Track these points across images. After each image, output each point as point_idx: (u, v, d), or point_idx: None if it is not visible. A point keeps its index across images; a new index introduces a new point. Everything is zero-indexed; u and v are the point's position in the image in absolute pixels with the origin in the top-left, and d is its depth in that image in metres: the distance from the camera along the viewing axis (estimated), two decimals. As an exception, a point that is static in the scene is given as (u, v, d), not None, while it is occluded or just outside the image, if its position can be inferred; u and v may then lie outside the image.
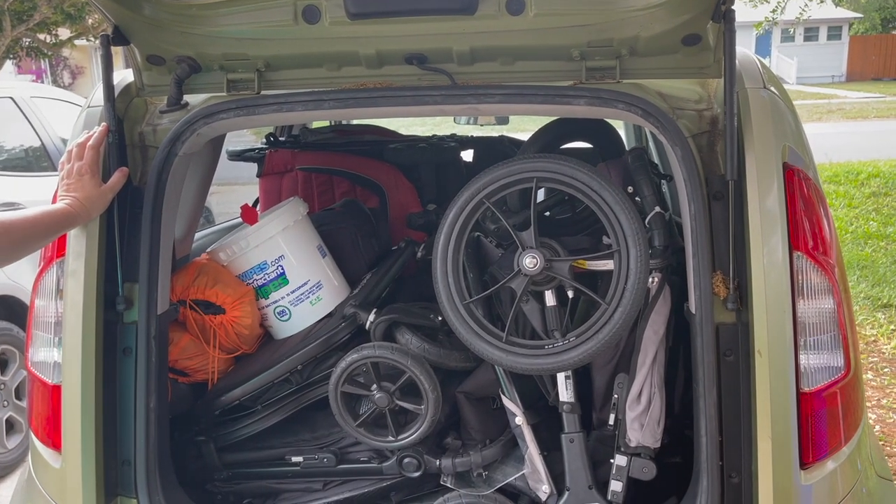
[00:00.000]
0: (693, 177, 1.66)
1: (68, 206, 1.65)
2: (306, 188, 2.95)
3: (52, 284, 1.79)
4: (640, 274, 1.71)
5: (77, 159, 1.72)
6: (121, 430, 1.80)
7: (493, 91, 1.75)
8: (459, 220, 1.81)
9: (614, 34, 1.71)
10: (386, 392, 1.95)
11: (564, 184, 1.77)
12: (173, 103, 1.85)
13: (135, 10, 1.70)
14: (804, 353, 1.63)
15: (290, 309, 2.22)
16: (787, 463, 1.61)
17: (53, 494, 1.80)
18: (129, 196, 1.81)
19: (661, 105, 1.72)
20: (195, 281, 2.12)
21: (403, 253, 2.44)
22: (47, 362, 1.80)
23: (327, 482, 2.12)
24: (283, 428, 2.15)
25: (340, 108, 1.80)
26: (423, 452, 2.02)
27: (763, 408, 1.61)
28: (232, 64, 1.83)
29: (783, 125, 1.70)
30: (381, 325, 2.06)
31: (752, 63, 1.81)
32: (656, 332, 1.85)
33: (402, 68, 1.83)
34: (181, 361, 2.15)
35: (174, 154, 1.80)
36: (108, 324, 1.78)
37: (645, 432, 1.83)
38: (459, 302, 1.81)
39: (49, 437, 1.80)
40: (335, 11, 1.71)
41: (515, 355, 1.78)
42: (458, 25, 1.72)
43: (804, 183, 1.66)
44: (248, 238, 2.19)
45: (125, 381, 1.81)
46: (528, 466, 1.96)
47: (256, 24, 1.76)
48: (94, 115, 1.84)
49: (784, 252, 1.62)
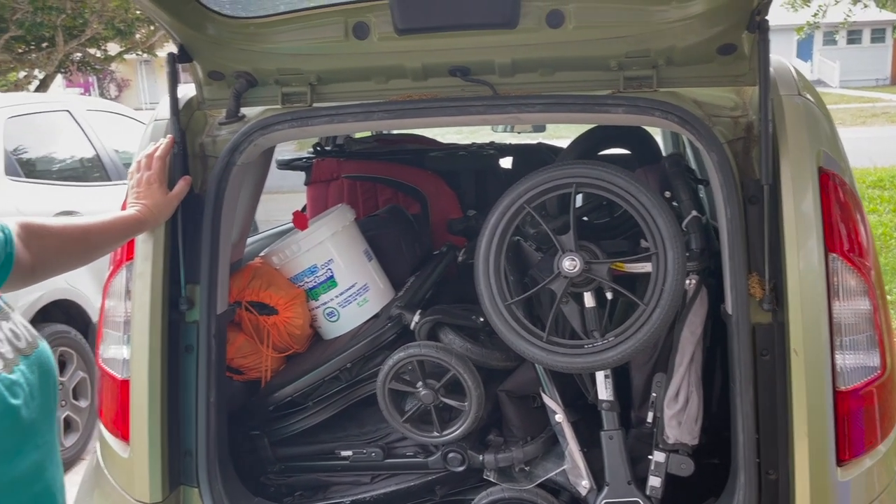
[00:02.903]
0: (729, 181, 1.71)
1: (138, 213, 1.77)
2: (351, 195, 3.05)
3: (121, 286, 1.91)
4: (677, 276, 1.77)
5: (146, 169, 1.83)
6: (183, 423, 1.91)
7: (534, 101, 1.82)
8: (501, 225, 1.89)
9: (651, 45, 1.77)
10: (431, 389, 2.03)
11: (604, 189, 1.84)
12: (232, 116, 1.96)
13: (199, 30, 1.82)
14: (840, 352, 1.66)
15: (338, 310, 2.32)
16: (824, 460, 1.65)
17: (121, 483, 1.91)
18: (190, 203, 1.93)
19: (696, 112, 1.77)
20: (250, 283, 2.23)
21: (445, 257, 2.53)
22: (117, 359, 1.92)
23: (375, 476, 2.21)
24: (333, 423, 2.25)
25: (388, 118, 1.89)
26: (467, 448, 2.10)
27: (800, 406, 1.65)
28: (286, 78, 1.93)
29: (818, 130, 1.74)
30: (426, 325, 2.15)
31: (787, 70, 1.86)
32: (693, 333, 1.90)
33: (446, 80, 1.91)
34: (236, 360, 2.27)
35: (232, 163, 1.91)
36: (172, 323, 1.89)
37: (682, 429, 1.88)
38: (501, 303, 1.88)
39: (118, 428, 1.91)
40: (383, 27, 1.80)
41: (556, 354, 1.85)
42: (500, 39, 1.80)
43: (839, 187, 1.70)
44: (300, 243, 2.30)
45: (187, 376, 1.91)
46: (569, 462, 2.02)
47: (309, 40, 1.87)
48: (160, 127, 1.96)
49: (820, 254, 1.66)
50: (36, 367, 1.01)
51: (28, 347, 1.02)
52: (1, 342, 0.98)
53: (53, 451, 1.04)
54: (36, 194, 4.27)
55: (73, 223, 1.58)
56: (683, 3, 1.70)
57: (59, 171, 4.83)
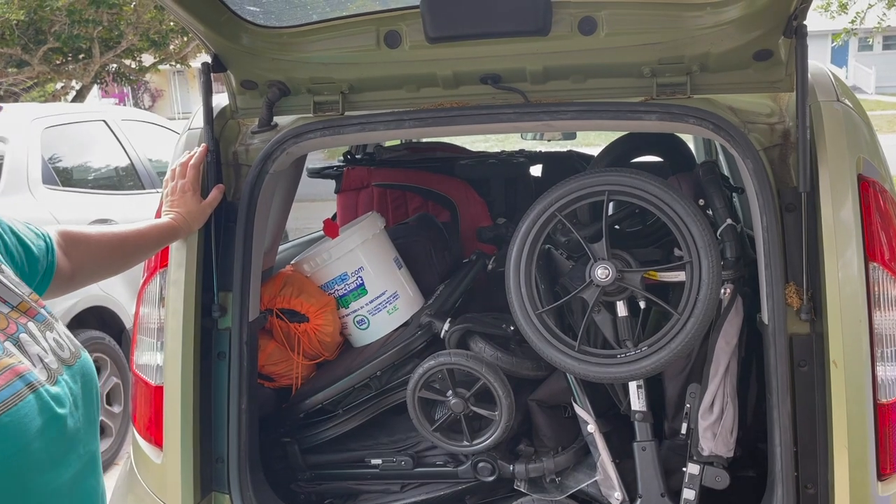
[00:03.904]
0: (765, 189, 1.68)
1: (173, 221, 1.79)
2: (381, 203, 3.06)
3: (155, 293, 1.94)
4: (711, 285, 1.74)
5: (180, 177, 1.85)
6: (215, 430, 1.92)
7: (566, 108, 1.81)
8: (532, 233, 1.88)
9: (685, 51, 1.75)
10: (461, 398, 2.02)
11: (636, 196, 1.82)
12: (264, 124, 1.98)
13: (233, 40, 1.84)
14: (881, 364, 1.62)
15: (368, 318, 2.32)
16: (864, 474, 1.61)
17: (154, 488, 1.93)
18: (223, 211, 1.94)
19: (731, 119, 1.75)
20: (281, 291, 2.24)
21: (475, 265, 2.52)
22: (150, 365, 1.94)
23: (405, 484, 2.20)
24: (363, 432, 2.25)
25: (420, 126, 1.89)
26: (497, 458, 2.08)
27: (839, 418, 1.61)
28: (318, 87, 1.95)
29: (857, 137, 1.71)
30: (456, 333, 2.14)
31: (825, 76, 1.83)
32: (728, 343, 1.87)
33: (477, 88, 1.91)
34: (267, 367, 2.28)
35: (265, 171, 1.93)
36: (205, 330, 1.91)
37: (717, 441, 1.85)
38: (532, 312, 1.87)
39: (151, 434, 1.93)
40: (415, 36, 1.81)
41: (588, 364, 1.83)
42: (531, 46, 1.80)
43: (880, 194, 1.67)
44: (331, 251, 2.31)
45: (219, 383, 1.93)
46: (601, 473, 2.00)
47: (341, 49, 1.88)
48: (194, 136, 1.98)
49: (860, 263, 1.62)
50: (79, 376, 1.02)
51: (71, 357, 1.03)
52: (45, 352, 0.99)
53: (95, 460, 1.05)
54: (71, 202, 4.36)
55: (110, 231, 1.61)
56: (718, 9, 1.68)
57: (95, 179, 4.92)
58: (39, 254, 1.26)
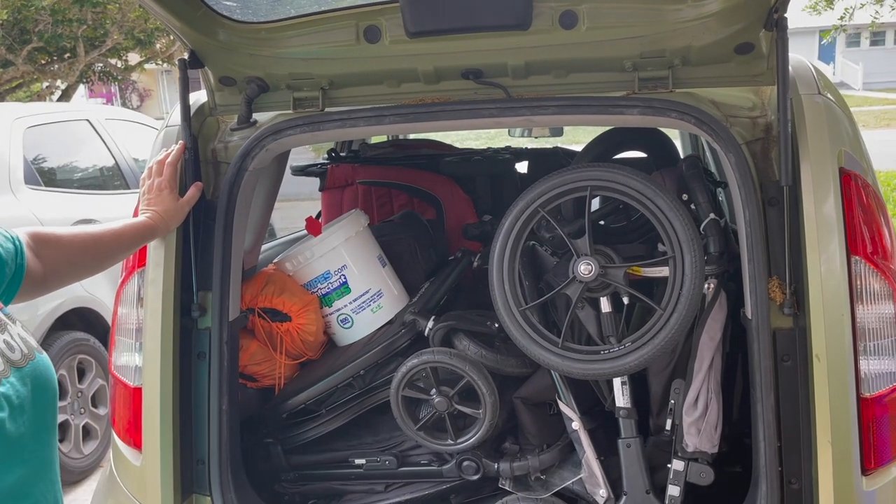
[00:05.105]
0: (747, 183, 1.67)
1: (149, 220, 1.76)
2: (366, 201, 3.04)
3: (133, 293, 1.91)
4: (695, 280, 1.73)
5: (157, 175, 1.83)
6: (195, 431, 1.90)
7: (548, 103, 1.80)
8: (515, 229, 1.86)
9: (666, 45, 1.74)
10: (445, 396, 2.01)
11: (618, 192, 1.81)
12: (243, 121, 1.95)
13: (210, 35, 1.81)
14: (864, 358, 1.62)
15: (352, 316, 2.30)
16: (848, 468, 1.60)
17: (133, 491, 1.91)
18: (202, 209, 1.92)
19: (714, 113, 1.74)
20: (263, 290, 2.22)
21: (460, 262, 2.50)
22: (129, 366, 1.92)
23: (389, 484, 2.18)
24: (347, 431, 2.23)
25: (401, 122, 1.87)
26: (482, 456, 2.07)
27: (823, 413, 1.61)
28: (298, 83, 1.93)
29: (839, 130, 1.70)
30: (440, 331, 2.12)
31: (807, 69, 1.82)
32: (712, 338, 1.87)
33: (458, 83, 1.90)
34: (250, 367, 2.26)
35: (244, 169, 1.90)
36: (184, 330, 1.89)
37: (702, 437, 1.84)
38: (516, 308, 1.85)
39: (130, 436, 1.91)
40: (395, 31, 1.79)
41: (571, 360, 1.81)
42: (512, 41, 1.78)
43: (862, 188, 1.66)
44: (313, 249, 2.28)
45: (199, 384, 1.91)
46: (586, 471, 1.99)
47: (321, 44, 1.86)
48: (171, 134, 1.96)
49: (842, 257, 1.62)
50: (29, 379, 1.00)
51: (22, 359, 1.00)
52: None
53: (46, 467, 1.02)
54: (55, 203, 4.31)
55: (84, 231, 1.58)
56: (699, 2, 1.67)
57: (79, 179, 4.87)
58: (7, 256, 1.23)
